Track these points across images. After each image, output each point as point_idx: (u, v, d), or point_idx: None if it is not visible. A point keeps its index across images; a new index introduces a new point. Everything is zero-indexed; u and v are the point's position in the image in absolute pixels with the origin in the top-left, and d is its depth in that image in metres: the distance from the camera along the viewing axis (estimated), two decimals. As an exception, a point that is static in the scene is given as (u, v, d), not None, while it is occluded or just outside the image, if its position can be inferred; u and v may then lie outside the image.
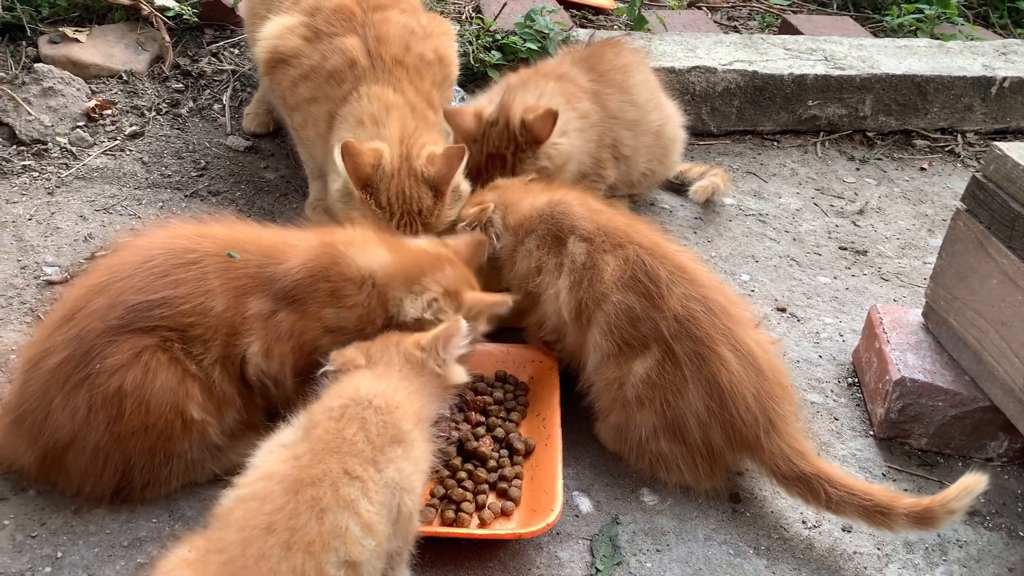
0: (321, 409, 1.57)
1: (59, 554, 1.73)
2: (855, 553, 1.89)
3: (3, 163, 2.81)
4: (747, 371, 1.88)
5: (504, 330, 2.20)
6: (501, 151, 2.39)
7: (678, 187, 3.06)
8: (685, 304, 1.90)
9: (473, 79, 3.34)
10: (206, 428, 1.80)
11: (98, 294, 1.78)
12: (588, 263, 2.00)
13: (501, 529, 1.82)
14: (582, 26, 3.87)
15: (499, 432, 2.02)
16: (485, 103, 2.55)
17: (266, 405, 1.92)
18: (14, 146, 2.89)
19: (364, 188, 2.19)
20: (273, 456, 1.50)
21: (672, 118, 2.89)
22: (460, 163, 2.24)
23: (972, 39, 4.00)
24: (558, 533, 1.86)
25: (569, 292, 2.01)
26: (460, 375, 1.79)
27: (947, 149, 3.54)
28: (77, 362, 1.73)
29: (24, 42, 3.21)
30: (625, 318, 1.93)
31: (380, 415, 1.56)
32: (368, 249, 1.93)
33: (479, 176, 2.41)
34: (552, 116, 2.37)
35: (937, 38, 3.96)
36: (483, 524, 1.83)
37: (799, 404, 2.10)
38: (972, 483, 1.75)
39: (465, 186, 2.32)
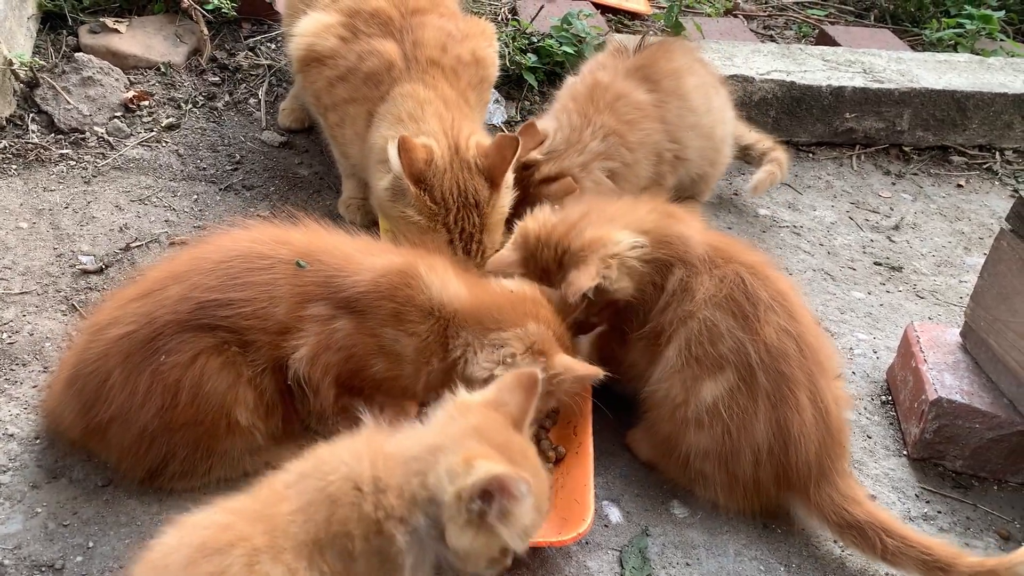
0: None
1: (90, 544, 1.73)
2: (887, 575, 1.86)
3: (41, 151, 2.83)
4: (818, 425, 1.83)
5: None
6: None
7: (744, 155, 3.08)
8: (779, 336, 1.83)
9: (508, 81, 3.34)
10: (253, 433, 1.82)
11: (176, 281, 1.80)
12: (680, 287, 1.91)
13: (531, 536, 1.80)
14: (618, 31, 3.84)
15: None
16: (549, 124, 2.55)
17: (303, 415, 1.90)
18: (52, 134, 2.90)
19: (418, 183, 2.18)
20: None
21: (722, 119, 2.86)
22: (514, 154, 2.23)
23: (1013, 55, 3.95)
24: (587, 542, 1.85)
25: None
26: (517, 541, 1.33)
27: (985, 166, 3.49)
28: (142, 342, 1.75)
29: (65, 31, 3.23)
30: (707, 334, 1.85)
31: None
32: (446, 280, 1.84)
33: None
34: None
35: (977, 53, 3.91)
36: (512, 530, 1.81)
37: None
38: None
39: (511, 177, 2.30)
